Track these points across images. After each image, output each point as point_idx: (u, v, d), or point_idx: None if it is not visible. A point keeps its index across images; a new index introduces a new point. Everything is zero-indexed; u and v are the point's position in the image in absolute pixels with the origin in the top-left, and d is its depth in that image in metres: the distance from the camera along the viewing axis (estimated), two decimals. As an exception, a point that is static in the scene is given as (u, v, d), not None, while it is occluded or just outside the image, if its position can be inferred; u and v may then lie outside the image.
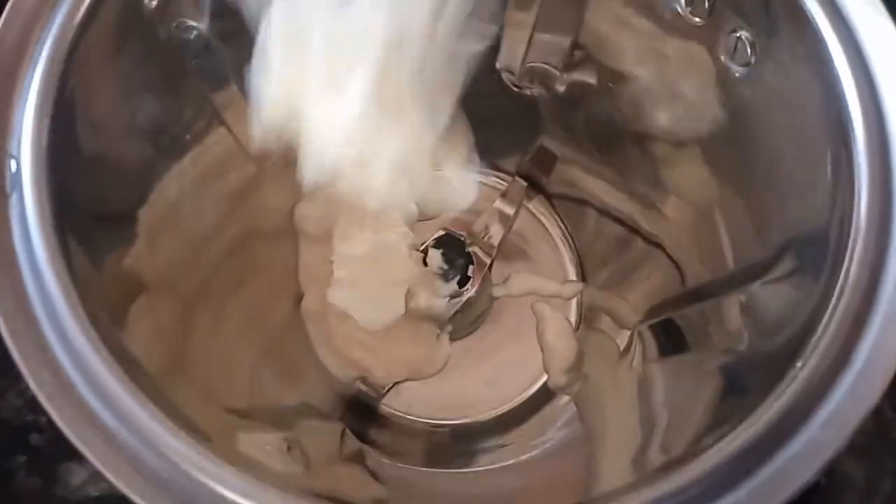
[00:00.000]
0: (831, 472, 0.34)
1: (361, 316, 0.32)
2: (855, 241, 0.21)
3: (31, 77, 0.23)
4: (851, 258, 0.21)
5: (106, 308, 0.23)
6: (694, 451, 0.20)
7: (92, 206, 0.25)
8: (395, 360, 0.37)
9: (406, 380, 0.38)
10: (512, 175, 0.40)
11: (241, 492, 0.19)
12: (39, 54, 0.23)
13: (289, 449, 0.25)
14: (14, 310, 0.21)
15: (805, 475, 0.19)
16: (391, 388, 0.38)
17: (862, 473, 0.34)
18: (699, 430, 0.24)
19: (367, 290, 0.33)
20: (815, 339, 0.20)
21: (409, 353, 0.37)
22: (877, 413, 0.36)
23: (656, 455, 0.26)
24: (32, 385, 0.20)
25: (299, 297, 0.38)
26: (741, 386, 0.25)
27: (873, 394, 0.20)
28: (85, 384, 0.20)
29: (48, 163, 0.22)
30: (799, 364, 0.20)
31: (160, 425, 0.20)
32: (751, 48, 0.25)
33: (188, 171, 0.30)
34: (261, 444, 0.24)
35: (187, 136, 0.31)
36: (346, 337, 0.36)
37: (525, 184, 0.39)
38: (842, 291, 0.21)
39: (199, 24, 0.28)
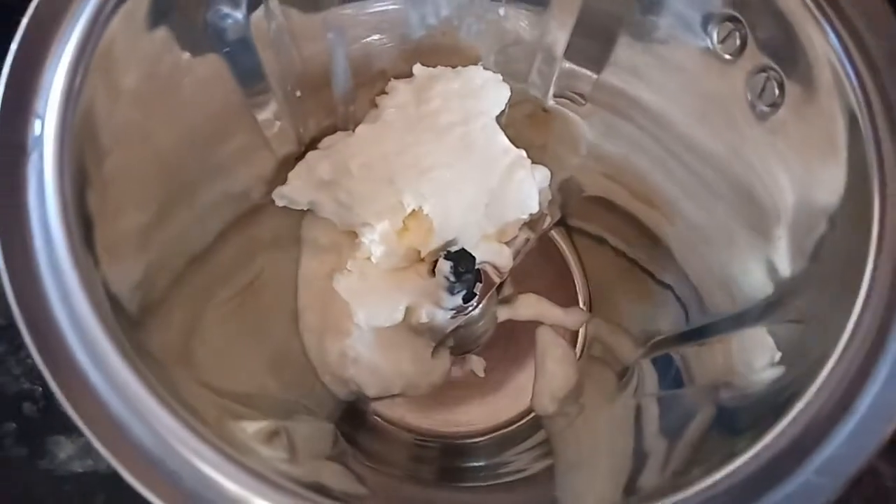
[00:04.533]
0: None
1: (360, 311, 0.32)
2: (869, 288, 0.21)
3: (67, 39, 0.23)
4: (864, 307, 0.21)
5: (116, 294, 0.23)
6: (681, 483, 0.20)
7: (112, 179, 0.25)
8: (390, 373, 0.36)
9: (401, 394, 0.38)
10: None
11: (224, 472, 0.19)
12: (76, 23, 0.23)
13: (276, 434, 0.25)
14: (23, 270, 0.21)
15: (795, 519, 0.18)
16: (384, 398, 0.38)
17: (856, 540, 0.34)
18: (689, 463, 0.24)
19: (373, 286, 0.33)
20: (819, 381, 0.20)
21: (404, 366, 0.37)
22: (876, 479, 0.36)
23: (645, 484, 0.26)
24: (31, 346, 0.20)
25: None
26: (735, 423, 0.25)
27: (872, 443, 0.19)
28: (84, 351, 0.20)
29: (73, 127, 0.22)
30: (800, 405, 0.20)
31: (153, 399, 0.20)
32: (779, 88, 0.25)
33: (200, 144, 0.30)
34: (250, 428, 0.24)
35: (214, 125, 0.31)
36: (340, 355, 0.36)
37: (548, 215, 0.38)
38: (852, 337, 0.21)
39: (235, 13, 0.28)
